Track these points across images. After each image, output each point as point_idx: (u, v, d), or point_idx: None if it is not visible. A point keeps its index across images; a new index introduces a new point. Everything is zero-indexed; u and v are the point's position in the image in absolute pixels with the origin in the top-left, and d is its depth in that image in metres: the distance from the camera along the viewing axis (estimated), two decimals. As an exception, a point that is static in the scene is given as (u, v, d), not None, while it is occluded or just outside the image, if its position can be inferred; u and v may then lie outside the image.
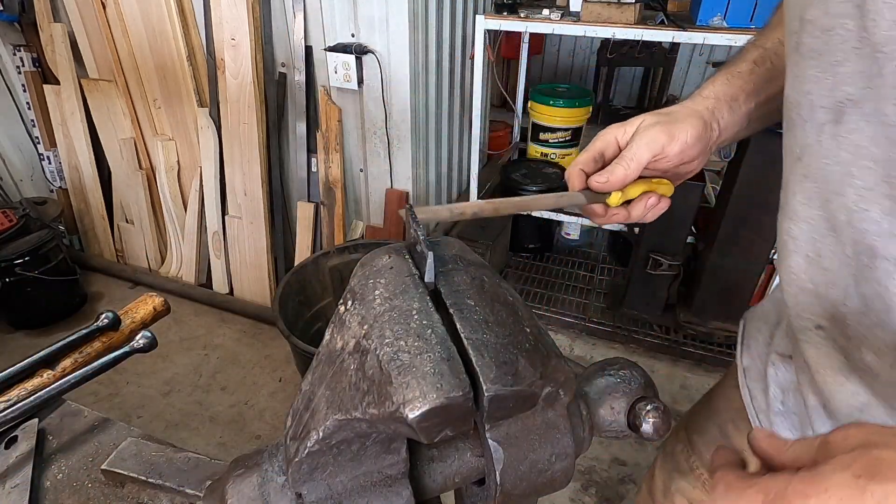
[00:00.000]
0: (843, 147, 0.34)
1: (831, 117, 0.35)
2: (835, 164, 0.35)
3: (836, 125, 0.34)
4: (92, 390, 2.00)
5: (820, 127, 0.36)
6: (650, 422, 0.35)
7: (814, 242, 0.38)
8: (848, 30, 0.32)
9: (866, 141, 0.33)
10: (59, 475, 0.51)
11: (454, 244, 0.35)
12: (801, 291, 0.41)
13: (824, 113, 0.35)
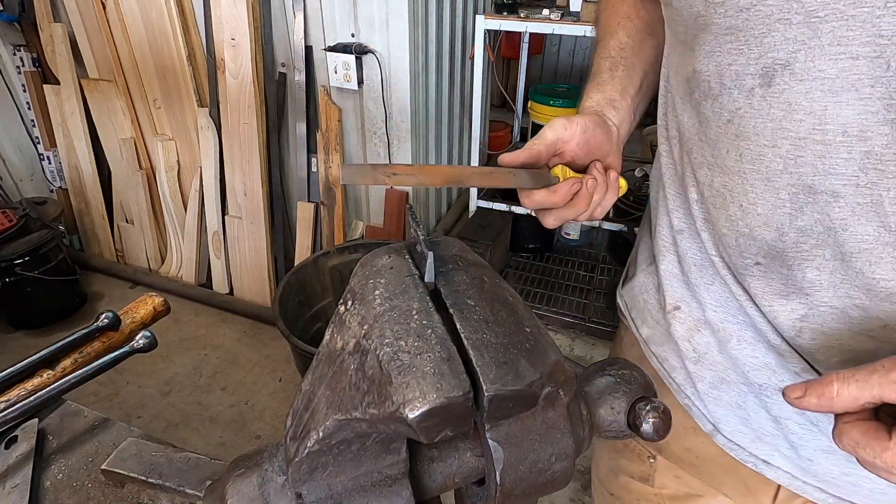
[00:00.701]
0: (775, 106, 0.39)
1: (760, 81, 0.39)
2: (768, 121, 0.40)
3: (767, 88, 0.39)
4: (92, 390, 2.00)
5: (749, 91, 0.40)
6: (650, 422, 0.35)
7: (747, 193, 0.44)
8: (768, 5, 0.37)
9: (799, 97, 0.38)
10: (59, 475, 0.51)
11: (454, 244, 0.35)
12: (740, 235, 0.46)
13: (752, 79, 0.40)
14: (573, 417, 0.34)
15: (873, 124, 0.36)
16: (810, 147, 0.38)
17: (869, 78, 0.35)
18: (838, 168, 0.38)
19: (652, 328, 0.62)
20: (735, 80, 0.41)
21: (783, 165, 0.40)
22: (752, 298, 0.48)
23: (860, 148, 0.37)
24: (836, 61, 0.35)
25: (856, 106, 0.36)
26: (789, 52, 0.37)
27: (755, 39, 0.39)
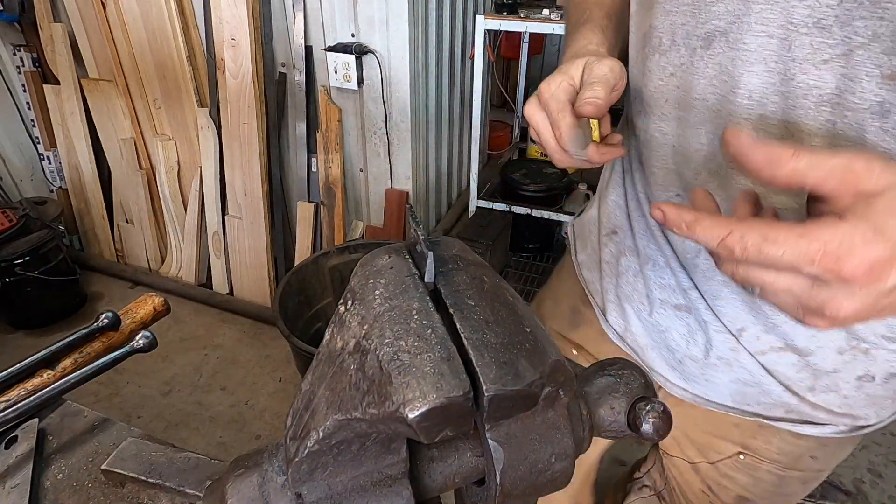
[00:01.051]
0: (710, 66, 0.47)
1: (702, 43, 0.47)
2: (702, 78, 0.48)
3: (706, 49, 0.47)
4: (92, 390, 2.00)
5: (693, 51, 0.48)
6: (650, 422, 0.34)
7: (678, 136, 0.53)
8: None
9: (727, 61, 0.46)
10: (59, 475, 0.51)
11: (454, 244, 0.35)
12: (667, 173, 0.56)
13: (697, 40, 0.47)
14: (573, 417, 0.34)
15: (770, 94, 0.44)
16: (726, 105, 0.47)
17: (775, 55, 0.43)
18: (744, 124, 0.46)
19: (588, 255, 0.73)
20: (684, 38, 0.48)
21: (708, 115, 0.49)
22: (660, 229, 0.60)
23: (758, 111, 0.46)
24: (756, 37, 0.43)
25: (762, 76, 0.44)
26: (727, 23, 0.45)
27: (705, 6, 0.46)
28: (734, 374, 0.59)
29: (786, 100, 0.43)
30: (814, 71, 0.41)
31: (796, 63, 0.42)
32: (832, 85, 0.41)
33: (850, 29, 0.39)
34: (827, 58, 0.40)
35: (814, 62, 0.41)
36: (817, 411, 0.57)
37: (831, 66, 0.41)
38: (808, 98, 0.42)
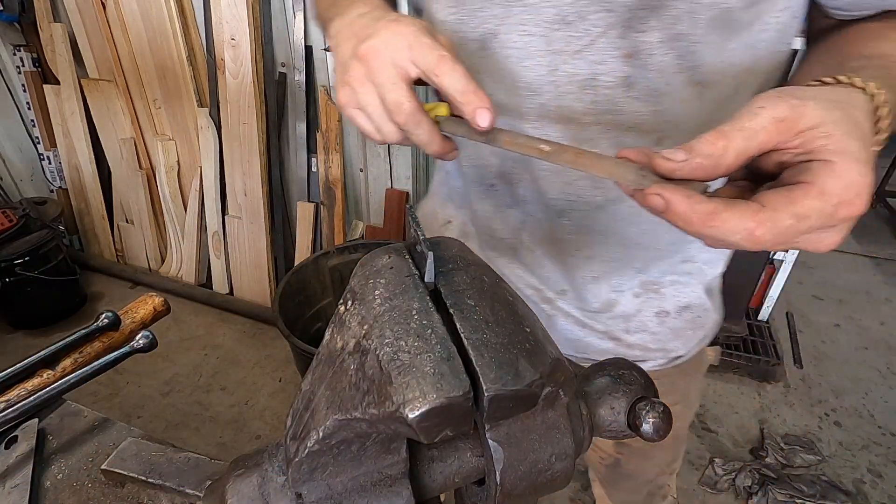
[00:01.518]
0: (491, 64, 0.52)
1: (479, 45, 0.52)
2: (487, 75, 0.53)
3: (484, 50, 0.52)
4: (92, 390, 2.00)
5: (473, 52, 0.52)
6: (650, 422, 0.34)
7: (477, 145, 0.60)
8: None
9: (503, 60, 0.51)
10: (59, 475, 0.51)
11: (454, 244, 0.35)
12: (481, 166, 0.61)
13: (474, 43, 0.52)
14: (573, 417, 0.34)
15: (544, 84, 0.50)
16: (513, 98, 0.52)
17: (540, 50, 0.49)
18: (528, 115, 0.53)
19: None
20: (461, 42, 0.52)
21: (502, 110, 0.53)
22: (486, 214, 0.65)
23: (538, 101, 0.51)
24: (521, 36, 0.49)
25: (535, 69, 0.50)
26: (495, 25, 0.50)
27: (471, 13, 0.51)
28: (570, 332, 0.68)
29: (557, 88, 0.50)
30: (571, 61, 0.48)
31: (557, 55, 0.49)
32: (587, 70, 0.48)
33: (589, 22, 0.46)
34: (578, 48, 0.48)
35: (569, 53, 0.48)
36: (634, 350, 0.68)
37: (583, 55, 0.48)
38: (573, 84, 0.49)
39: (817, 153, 0.29)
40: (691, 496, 1.69)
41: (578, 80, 0.49)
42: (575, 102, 0.50)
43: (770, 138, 0.30)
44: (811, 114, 0.29)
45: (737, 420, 1.95)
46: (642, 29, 0.46)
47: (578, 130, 0.52)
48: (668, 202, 0.31)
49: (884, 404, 2.03)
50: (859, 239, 3.20)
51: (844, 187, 0.28)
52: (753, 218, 0.29)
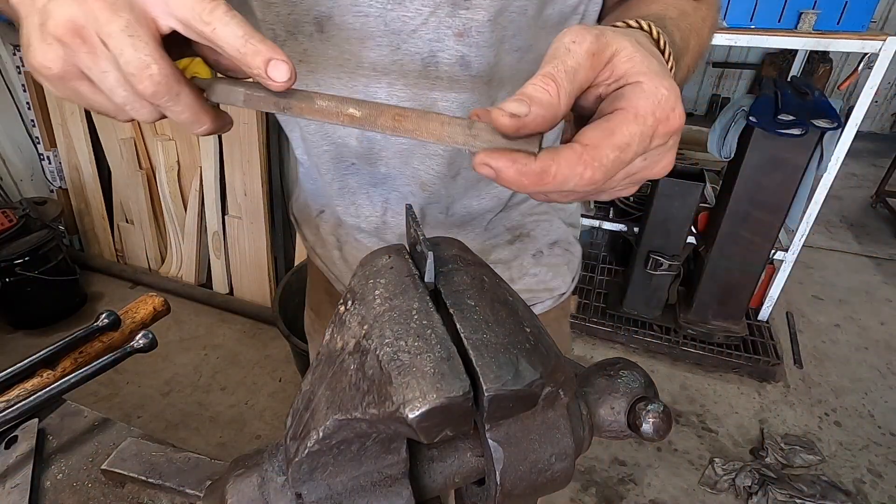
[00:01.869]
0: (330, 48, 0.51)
1: (316, 28, 0.50)
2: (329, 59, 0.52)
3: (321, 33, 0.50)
4: (92, 390, 2.00)
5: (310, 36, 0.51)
6: (650, 422, 0.34)
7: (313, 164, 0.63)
8: None
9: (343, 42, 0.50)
10: (59, 475, 0.51)
11: (454, 244, 0.35)
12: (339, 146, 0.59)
13: (310, 26, 0.50)
14: (573, 417, 0.34)
15: (387, 63, 0.50)
16: (360, 80, 0.52)
17: (379, 31, 0.48)
18: (377, 94, 0.52)
19: (314, 233, 0.75)
20: (296, 26, 0.50)
21: (349, 93, 0.52)
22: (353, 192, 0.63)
23: (385, 80, 0.51)
24: (357, 17, 0.48)
25: (376, 50, 0.49)
26: (328, 8, 0.48)
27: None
28: None
29: (401, 67, 0.50)
30: (410, 39, 0.48)
31: (396, 35, 0.48)
32: (426, 48, 0.49)
33: (418, 1, 0.47)
34: (414, 27, 0.48)
35: (407, 32, 0.48)
36: (524, 295, 0.69)
37: (419, 34, 0.48)
38: (416, 62, 0.50)
39: (626, 77, 0.30)
40: (691, 496, 1.69)
41: (421, 58, 0.50)
42: (421, 79, 0.51)
43: (588, 75, 0.30)
44: (613, 42, 0.30)
45: (737, 420, 1.95)
46: (467, 6, 0.47)
47: (429, 106, 0.52)
48: (496, 170, 0.30)
49: (884, 404, 2.03)
50: (859, 239, 3.20)
51: (657, 104, 0.29)
52: (580, 161, 0.28)
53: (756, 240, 1.94)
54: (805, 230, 1.99)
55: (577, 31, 0.30)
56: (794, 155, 1.75)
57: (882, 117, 4.90)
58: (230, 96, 0.34)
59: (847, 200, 3.67)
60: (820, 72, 4.24)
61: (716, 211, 2.06)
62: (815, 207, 1.94)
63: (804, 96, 1.80)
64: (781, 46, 1.84)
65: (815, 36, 1.76)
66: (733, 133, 1.84)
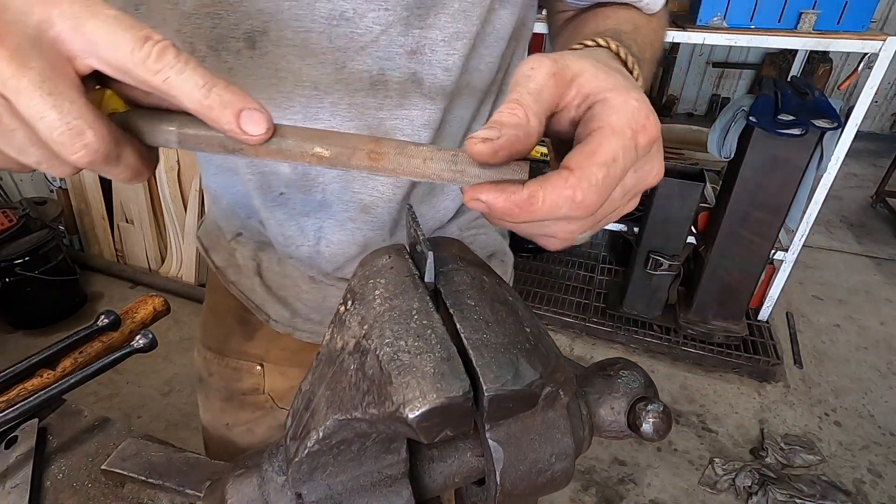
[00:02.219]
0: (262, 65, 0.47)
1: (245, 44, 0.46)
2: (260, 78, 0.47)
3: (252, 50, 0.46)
4: (92, 390, 2.00)
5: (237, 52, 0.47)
6: (650, 422, 0.35)
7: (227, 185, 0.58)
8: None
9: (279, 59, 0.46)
10: (59, 475, 0.51)
11: (454, 244, 0.35)
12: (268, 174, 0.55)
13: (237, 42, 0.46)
14: (573, 417, 0.34)
15: (330, 82, 0.47)
16: (297, 100, 0.48)
17: (322, 48, 0.45)
18: (319, 115, 0.48)
19: (226, 258, 0.69)
20: (220, 42, 0.46)
21: (280, 114, 0.49)
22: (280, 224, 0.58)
23: (327, 100, 0.48)
24: (298, 32, 0.45)
25: (318, 68, 0.46)
26: (263, 22, 0.44)
27: (231, 7, 0.44)
28: None
29: (346, 86, 0.47)
30: (358, 57, 0.46)
31: (342, 52, 0.46)
32: (375, 67, 0.47)
33: (369, 19, 0.45)
34: (363, 44, 0.46)
35: (354, 50, 0.46)
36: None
37: (369, 52, 0.46)
38: (362, 81, 0.47)
39: (593, 95, 0.30)
40: (691, 496, 1.69)
41: (369, 77, 0.48)
42: (368, 98, 0.49)
43: (552, 94, 0.30)
44: (573, 64, 0.31)
45: (737, 420, 1.95)
46: (421, 26, 0.46)
47: (375, 127, 0.50)
48: (487, 204, 0.29)
49: (884, 404, 2.03)
50: (859, 239, 3.20)
51: (630, 116, 0.29)
52: (567, 184, 0.28)
53: (756, 240, 1.94)
54: (805, 230, 1.99)
55: (535, 58, 0.31)
56: (794, 155, 1.75)
57: (882, 117, 4.90)
58: (159, 136, 0.28)
59: (847, 200, 3.67)
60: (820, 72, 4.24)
61: (716, 211, 2.06)
62: (815, 207, 1.94)
63: (804, 96, 1.80)
64: (781, 46, 1.84)
65: (815, 36, 1.76)
66: (733, 133, 1.84)
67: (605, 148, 0.28)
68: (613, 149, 0.28)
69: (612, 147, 0.28)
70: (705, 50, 5.02)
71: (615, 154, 0.28)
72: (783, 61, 4.42)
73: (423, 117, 0.51)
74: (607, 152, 0.28)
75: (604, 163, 0.28)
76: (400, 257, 0.33)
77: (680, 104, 5.33)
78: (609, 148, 0.28)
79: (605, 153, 0.28)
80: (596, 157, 0.28)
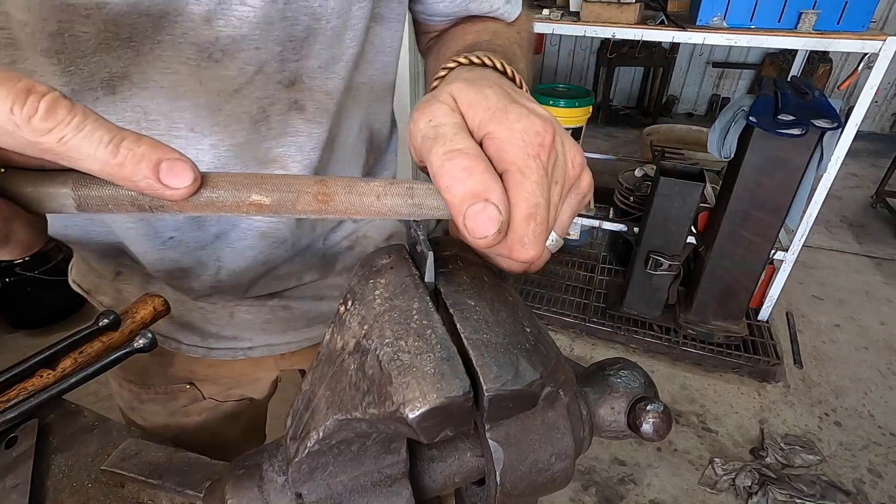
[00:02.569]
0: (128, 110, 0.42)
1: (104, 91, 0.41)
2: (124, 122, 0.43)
3: (112, 94, 0.42)
4: (92, 390, 1.99)
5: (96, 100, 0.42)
6: (650, 422, 0.35)
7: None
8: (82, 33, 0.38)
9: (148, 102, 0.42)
10: (59, 475, 0.51)
11: (454, 244, 0.35)
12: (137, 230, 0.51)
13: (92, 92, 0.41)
14: (573, 417, 0.34)
15: (207, 125, 0.44)
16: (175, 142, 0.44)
17: (193, 90, 0.42)
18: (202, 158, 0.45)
19: (114, 298, 0.66)
20: (78, 95, 0.40)
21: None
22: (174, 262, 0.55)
23: (208, 142, 0.45)
24: (166, 74, 0.41)
25: (192, 110, 0.43)
26: (122, 68, 0.40)
27: (85, 57, 0.39)
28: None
29: (225, 128, 0.45)
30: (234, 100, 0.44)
31: (215, 95, 0.43)
32: (255, 107, 0.45)
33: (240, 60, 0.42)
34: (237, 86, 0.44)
35: (228, 92, 0.44)
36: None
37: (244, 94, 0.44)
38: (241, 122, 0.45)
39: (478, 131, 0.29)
40: (691, 496, 1.69)
41: (249, 117, 0.46)
42: (251, 135, 0.47)
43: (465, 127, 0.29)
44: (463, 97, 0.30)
45: (737, 420, 1.95)
46: (297, 58, 0.45)
47: (261, 165, 0.49)
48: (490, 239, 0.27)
49: (884, 404, 2.03)
50: (859, 239, 3.20)
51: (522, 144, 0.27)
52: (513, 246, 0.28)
53: (756, 240, 1.94)
54: (805, 230, 1.99)
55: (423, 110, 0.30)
56: (794, 155, 1.76)
57: (882, 117, 4.90)
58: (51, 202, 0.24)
59: (847, 200, 3.67)
60: (820, 72, 4.25)
61: (716, 211, 2.06)
62: (815, 207, 1.94)
63: (804, 96, 1.80)
64: (781, 46, 1.84)
65: (815, 36, 1.76)
66: (733, 133, 1.84)
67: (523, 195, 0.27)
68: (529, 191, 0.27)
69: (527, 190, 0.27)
70: (705, 50, 5.03)
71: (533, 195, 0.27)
72: (783, 61, 4.42)
73: (310, 142, 0.50)
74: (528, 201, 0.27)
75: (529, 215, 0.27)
76: (400, 257, 0.33)
77: (680, 104, 5.34)
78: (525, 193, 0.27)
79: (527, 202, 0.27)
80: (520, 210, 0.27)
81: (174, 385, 0.72)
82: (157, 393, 0.73)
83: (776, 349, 2.14)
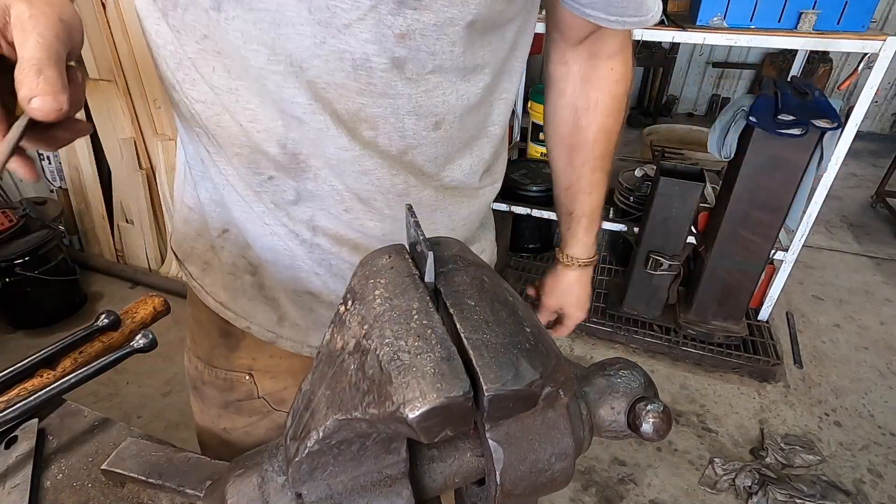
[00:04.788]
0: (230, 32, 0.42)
1: (211, 4, 0.42)
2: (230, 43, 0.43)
3: (218, 12, 0.42)
4: (92, 390, 2.00)
5: (206, 11, 0.43)
6: (650, 422, 0.35)
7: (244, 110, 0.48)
8: None
9: (249, 26, 0.42)
10: (59, 475, 0.51)
11: (454, 244, 0.35)
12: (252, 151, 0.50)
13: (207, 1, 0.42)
14: (573, 417, 0.34)
15: (308, 58, 0.43)
16: (270, 77, 0.44)
17: (301, 18, 0.41)
18: (296, 95, 0.44)
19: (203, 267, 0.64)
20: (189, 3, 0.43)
21: (261, 84, 0.45)
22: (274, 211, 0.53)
23: (304, 77, 0.43)
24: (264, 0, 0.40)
25: (296, 39, 0.42)
26: None
27: None
28: None
29: (327, 64, 0.44)
30: (340, 35, 0.42)
31: (323, 27, 0.42)
32: (359, 50, 0.43)
33: None
34: (348, 22, 0.42)
35: (337, 26, 0.42)
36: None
37: (353, 32, 0.42)
38: (344, 62, 0.43)
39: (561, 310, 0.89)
40: (691, 496, 1.69)
41: (350, 60, 0.44)
42: (349, 81, 0.45)
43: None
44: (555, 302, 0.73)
45: (737, 420, 1.95)
46: (415, 6, 0.42)
47: (355, 112, 0.47)
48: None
49: (884, 404, 2.03)
50: (859, 239, 3.20)
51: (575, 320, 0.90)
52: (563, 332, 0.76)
53: (756, 240, 1.94)
54: (805, 230, 1.99)
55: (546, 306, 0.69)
56: (794, 155, 1.75)
57: (882, 117, 4.90)
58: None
59: (847, 200, 3.67)
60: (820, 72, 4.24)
61: (716, 211, 2.06)
62: (815, 207, 1.94)
63: (804, 96, 1.80)
64: (781, 46, 1.84)
65: (815, 36, 1.76)
66: (733, 133, 1.84)
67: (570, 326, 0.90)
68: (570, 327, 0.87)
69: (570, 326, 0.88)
70: (705, 50, 5.03)
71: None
72: (783, 61, 4.42)
73: (408, 104, 0.48)
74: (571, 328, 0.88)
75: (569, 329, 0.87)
76: (400, 257, 0.33)
77: (680, 104, 5.33)
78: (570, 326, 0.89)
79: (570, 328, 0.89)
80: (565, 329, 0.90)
81: (235, 373, 0.72)
82: (217, 378, 0.73)
83: (776, 349, 2.14)
